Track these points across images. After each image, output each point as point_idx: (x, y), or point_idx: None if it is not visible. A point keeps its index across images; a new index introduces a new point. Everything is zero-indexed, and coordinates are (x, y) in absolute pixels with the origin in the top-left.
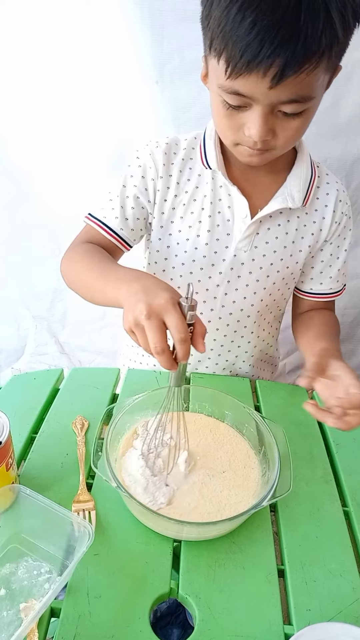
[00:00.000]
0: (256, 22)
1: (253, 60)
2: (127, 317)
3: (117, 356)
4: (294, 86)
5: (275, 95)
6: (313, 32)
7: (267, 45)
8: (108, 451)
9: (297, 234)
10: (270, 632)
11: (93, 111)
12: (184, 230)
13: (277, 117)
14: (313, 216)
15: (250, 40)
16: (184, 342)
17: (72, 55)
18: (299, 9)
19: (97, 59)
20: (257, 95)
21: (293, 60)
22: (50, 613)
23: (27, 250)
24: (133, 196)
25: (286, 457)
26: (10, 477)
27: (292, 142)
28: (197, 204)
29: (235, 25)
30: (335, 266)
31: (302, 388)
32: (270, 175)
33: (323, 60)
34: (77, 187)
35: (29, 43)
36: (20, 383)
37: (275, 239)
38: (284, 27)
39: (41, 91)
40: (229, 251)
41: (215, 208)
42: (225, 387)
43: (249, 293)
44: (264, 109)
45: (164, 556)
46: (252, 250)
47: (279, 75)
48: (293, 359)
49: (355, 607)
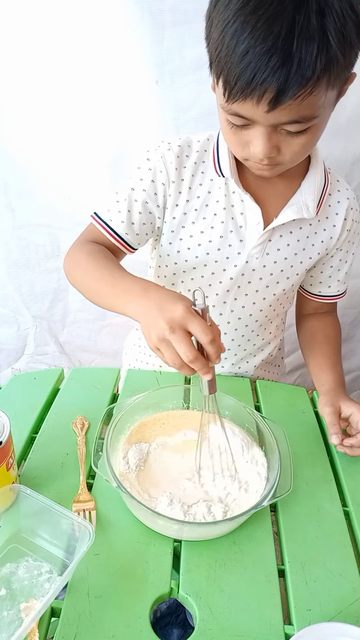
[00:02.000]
0: (249, 50)
1: (247, 87)
2: (150, 336)
3: (121, 356)
4: (293, 109)
5: (274, 117)
6: (307, 57)
7: (259, 73)
8: (108, 451)
9: (308, 241)
10: (271, 632)
11: (93, 111)
12: (196, 236)
13: (281, 135)
14: (324, 224)
15: (243, 67)
16: (213, 342)
17: (72, 55)
18: (293, 35)
19: (97, 59)
20: (257, 117)
21: (287, 87)
22: (51, 613)
23: (27, 250)
24: (142, 201)
25: (286, 457)
26: (11, 477)
27: (301, 157)
28: (210, 209)
29: (229, 51)
30: (344, 270)
31: (302, 388)
32: (284, 182)
33: (321, 84)
34: (78, 187)
35: (29, 43)
36: (20, 383)
37: (287, 246)
38: (276, 54)
39: (41, 91)
40: (241, 257)
41: (228, 214)
42: (226, 387)
43: (258, 298)
44: (266, 129)
45: (164, 556)
46: (264, 256)
47: (274, 101)
48: (293, 359)
49: (355, 607)
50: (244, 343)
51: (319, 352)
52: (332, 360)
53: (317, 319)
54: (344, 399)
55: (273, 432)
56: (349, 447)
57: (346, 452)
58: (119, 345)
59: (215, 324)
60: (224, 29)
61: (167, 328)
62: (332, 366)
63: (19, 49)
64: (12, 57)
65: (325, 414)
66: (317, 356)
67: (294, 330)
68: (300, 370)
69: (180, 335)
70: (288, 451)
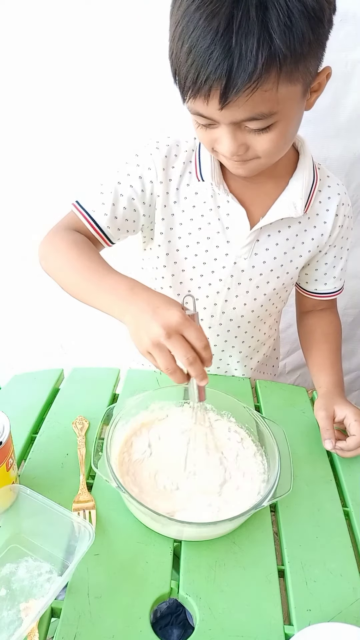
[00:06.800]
0: (192, 48)
1: (193, 85)
2: (141, 340)
3: (121, 356)
4: (246, 105)
5: (230, 115)
6: (247, 52)
7: (203, 70)
8: (108, 451)
9: (297, 239)
10: (271, 632)
11: (93, 111)
12: (184, 237)
13: (245, 132)
14: (314, 220)
15: (189, 66)
16: (207, 348)
17: (71, 54)
18: (231, 30)
19: (97, 58)
20: (214, 116)
21: (231, 83)
22: (51, 613)
23: (27, 250)
24: (128, 196)
25: (286, 457)
26: (11, 477)
27: (276, 153)
28: (197, 210)
29: (177, 51)
30: (339, 266)
31: (302, 388)
32: (271, 181)
33: (269, 77)
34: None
35: (29, 43)
36: (20, 383)
37: (275, 245)
38: (217, 50)
39: (41, 92)
40: (229, 258)
41: (214, 215)
42: (225, 387)
43: (249, 299)
44: (228, 127)
45: (164, 556)
46: (252, 257)
47: (223, 98)
48: (293, 359)
49: (355, 607)
50: (237, 344)
51: (317, 352)
52: (330, 360)
53: (316, 317)
54: (339, 402)
55: (273, 432)
56: (340, 450)
57: (338, 454)
58: (119, 346)
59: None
60: (174, 31)
61: (164, 333)
62: (331, 366)
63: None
64: (12, 56)
65: (319, 419)
66: (315, 356)
67: (293, 330)
68: (300, 370)
69: (177, 341)
70: (288, 451)
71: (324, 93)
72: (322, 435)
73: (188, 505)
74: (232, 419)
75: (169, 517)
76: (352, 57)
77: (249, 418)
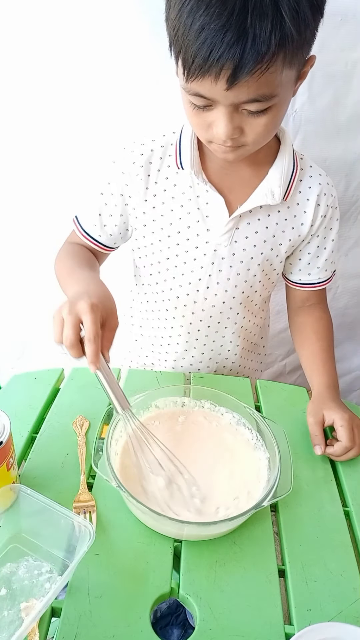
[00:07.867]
0: (204, 26)
1: (204, 64)
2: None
3: (121, 356)
4: (251, 86)
5: (234, 95)
6: (261, 33)
7: (215, 49)
8: (109, 451)
9: (278, 228)
10: (271, 632)
11: (93, 111)
12: (166, 228)
13: (242, 115)
14: (294, 210)
15: (199, 44)
16: (93, 342)
17: (71, 54)
18: (246, 10)
19: (97, 57)
20: (216, 96)
21: (243, 63)
22: (51, 613)
23: (27, 250)
24: (112, 204)
25: (286, 457)
26: (11, 476)
27: (264, 138)
28: (176, 201)
29: (186, 29)
30: (323, 256)
31: (302, 388)
32: (251, 169)
33: (277, 59)
34: (78, 188)
35: (29, 44)
36: (20, 383)
37: (255, 233)
38: (231, 30)
39: (41, 92)
40: (209, 246)
41: (194, 205)
42: (226, 387)
43: (231, 286)
44: (226, 108)
45: (164, 556)
46: (232, 244)
47: (232, 78)
48: (293, 359)
49: (355, 607)
50: (220, 329)
51: (308, 352)
52: (320, 358)
53: (305, 314)
54: (328, 406)
55: (273, 432)
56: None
57: (332, 459)
58: (119, 346)
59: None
60: (181, 8)
61: (67, 309)
62: (322, 365)
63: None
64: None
65: (309, 424)
66: (307, 356)
67: None
68: (300, 370)
69: (71, 320)
70: (288, 451)
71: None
72: (312, 441)
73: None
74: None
75: (170, 516)
76: (352, 57)
77: (249, 418)
